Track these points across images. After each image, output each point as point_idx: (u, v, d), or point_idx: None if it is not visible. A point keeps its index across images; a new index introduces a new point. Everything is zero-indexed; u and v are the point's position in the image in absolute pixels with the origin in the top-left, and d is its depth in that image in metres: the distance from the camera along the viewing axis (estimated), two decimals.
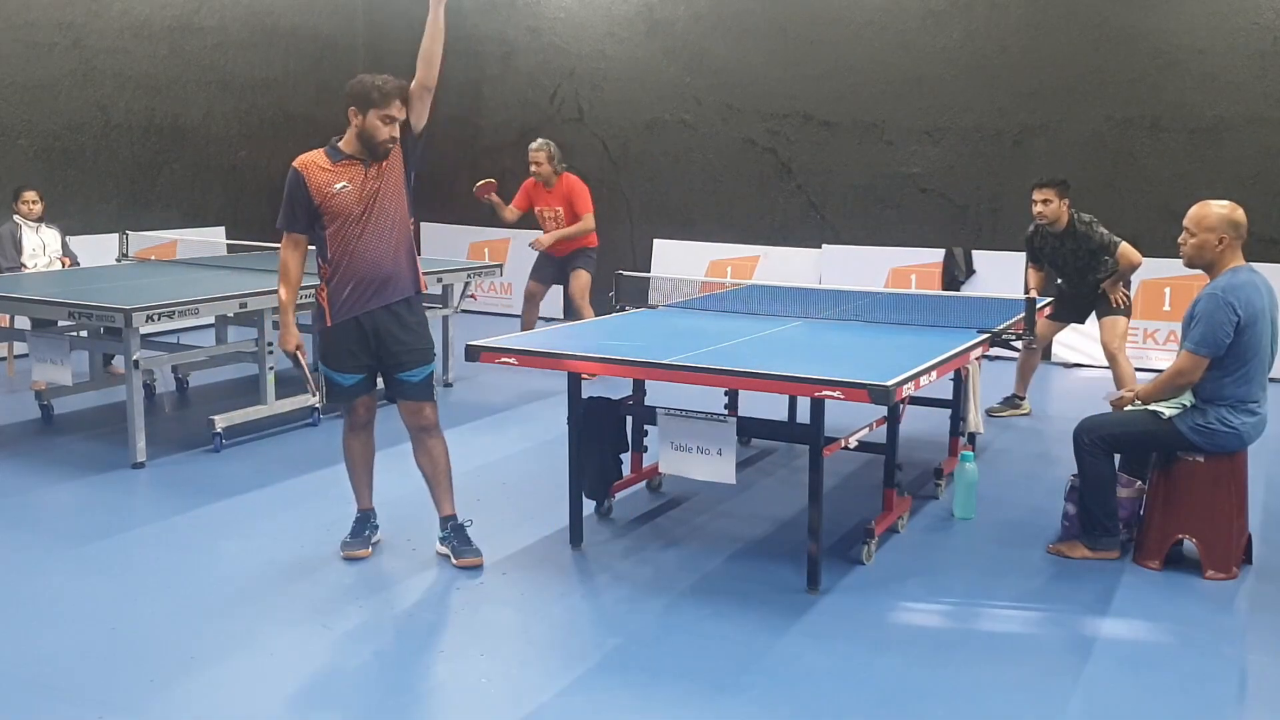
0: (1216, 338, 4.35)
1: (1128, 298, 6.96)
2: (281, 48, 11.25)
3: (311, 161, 4.36)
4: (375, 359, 4.48)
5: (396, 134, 4.33)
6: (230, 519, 5.14)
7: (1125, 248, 6.76)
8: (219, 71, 10.62)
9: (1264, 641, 3.97)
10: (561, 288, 8.61)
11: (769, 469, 6.03)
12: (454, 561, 4.55)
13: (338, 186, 4.33)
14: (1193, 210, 4.55)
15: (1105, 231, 6.77)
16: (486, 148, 11.37)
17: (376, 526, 4.79)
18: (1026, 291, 7.02)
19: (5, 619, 4.05)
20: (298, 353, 4.50)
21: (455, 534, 4.61)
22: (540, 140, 8.29)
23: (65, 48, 9.34)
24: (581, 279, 8.26)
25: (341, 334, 4.42)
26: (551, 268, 8.43)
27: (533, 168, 8.21)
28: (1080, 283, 6.96)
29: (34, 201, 7.76)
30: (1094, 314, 7.07)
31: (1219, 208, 4.48)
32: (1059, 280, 7.11)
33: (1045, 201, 6.73)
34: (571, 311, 8.53)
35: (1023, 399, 7.39)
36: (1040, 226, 6.89)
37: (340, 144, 4.39)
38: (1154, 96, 8.83)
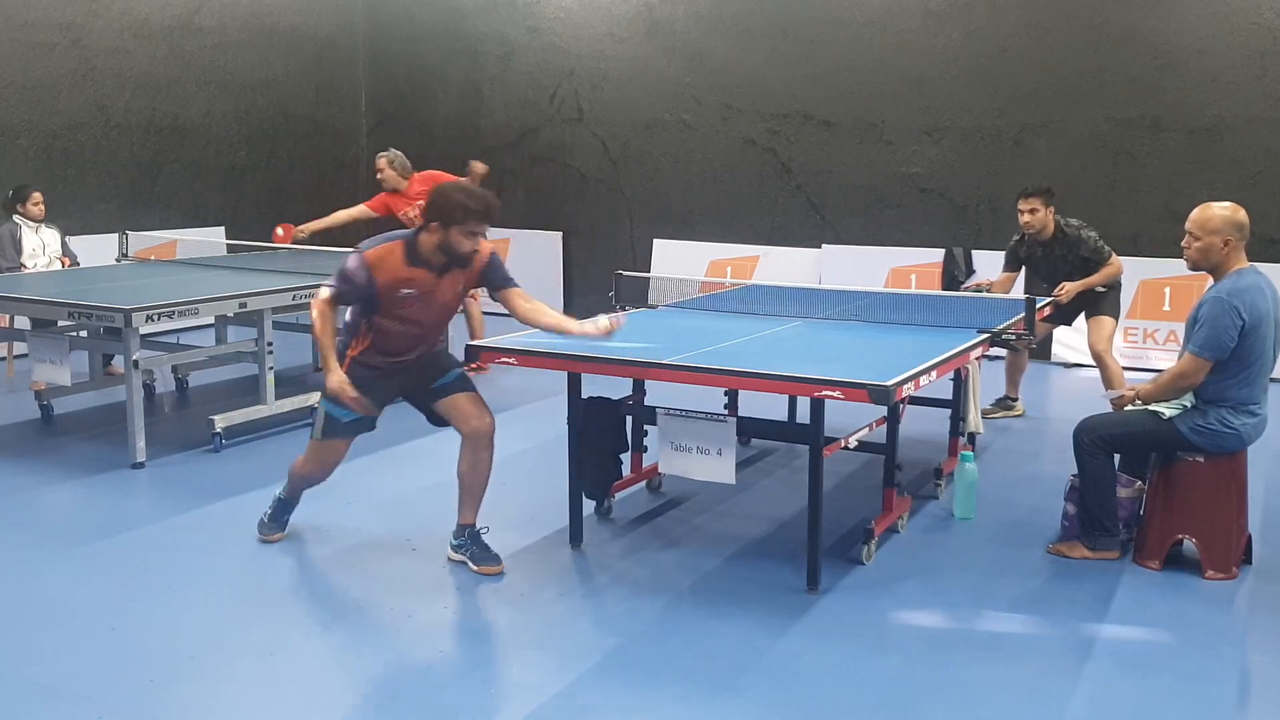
0: (1220, 342, 4.35)
1: (1115, 303, 6.89)
2: (281, 48, 11.25)
3: (385, 260, 4.18)
4: (400, 393, 4.49)
5: (478, 246, 4.24)
6: (230, 519, 5.14)
7: (1115, 259, 6.71)
8: (219, 71, 10.62)
9: (1264, 641, 3.97)
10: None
11: (769, 469, 6.03)
12: (473, 568, 4.50)
13: (404, 292, 4.21)
14: (1195, 213, 4.53)
15: (1095, 235, 6.70)
16: (486, 148, 11.35)
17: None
18: (985, 287, 6.99)
19: (5, 619, 4.05)
20: (346, 387, 4.18)
21: (473, 541, 4.56)
22: (387, 151, 8.31)
23: (65, 48, 9.34)
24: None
25: (356, 379, 4.24)
26: None
27: (378, 175, 8.21)
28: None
29: (40, 203, 7.80)
30: (1085, 317, 7.05)
31: (1222, 210, 4.47)
32: (1044, 286, 7.02)
33: (1032, 211, 6.63)
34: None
35: (1015, 400, 7.38)
36: (1027, 236, 6.80)
37: (420, 245, 4.21)
38: (1154, 96, 8.83)
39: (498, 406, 7.61)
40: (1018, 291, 6.98)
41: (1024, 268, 7.02)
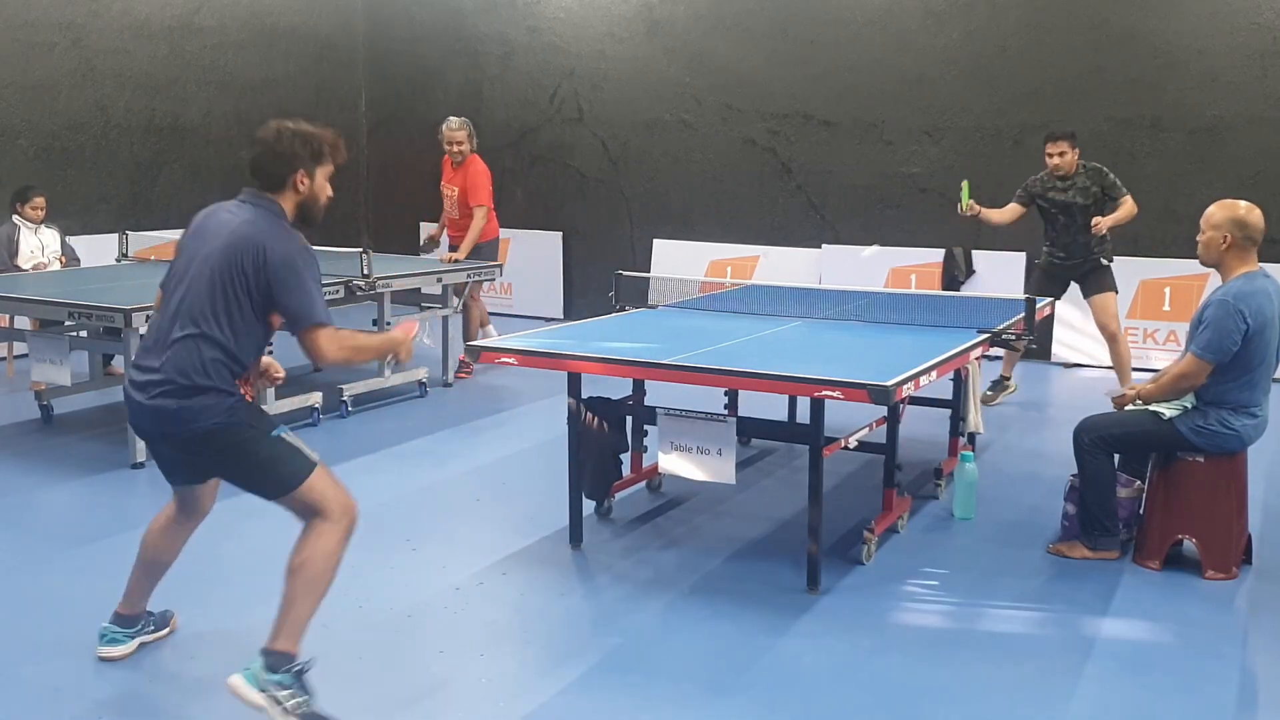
0: (1224, 345, 4.34)
1: (1111, 257, 7.10)
2: (281, 48, 11.25)
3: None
4: None
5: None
6: (230, 519, 5.12)
7: (1129, 197, 6.93)
8: (219, 71, 10.62)
9: (1264, 641, 3.98)
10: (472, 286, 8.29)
11: (769, 469, 6.03)
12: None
13: None
14: (1209, 208, 4.54)
15: (1113, 175, 6.97)
16: (486, 148, 11.27)
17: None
18: (974, 213, 7.09)
19: (5, 619, 4.05)
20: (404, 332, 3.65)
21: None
22: (461, 119, 8.28)
23: (65, 48, 9.34)
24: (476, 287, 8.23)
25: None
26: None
27: (453, 146, 8.15)
28: (1072, 240, 7.02)
29: (41, 207, 7.82)
30: (1084, 297, 7.16)
31: (1227, 207, 4.45)
32: (1046, 248, 7.19)
33: (1061, 154, 6.96)
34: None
35: (1008, 378, 7.46)
36: (1046, 174, 7.07)
37: (286, 215, 3.48)
38: (1154, 96, 8.83)
39: (498, 406, 7.69)
40: (1016, 283, 7.02)
41: (1034, 206, 7.20)
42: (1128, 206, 6.91)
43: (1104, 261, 7.08)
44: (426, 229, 9.68)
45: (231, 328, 3.27)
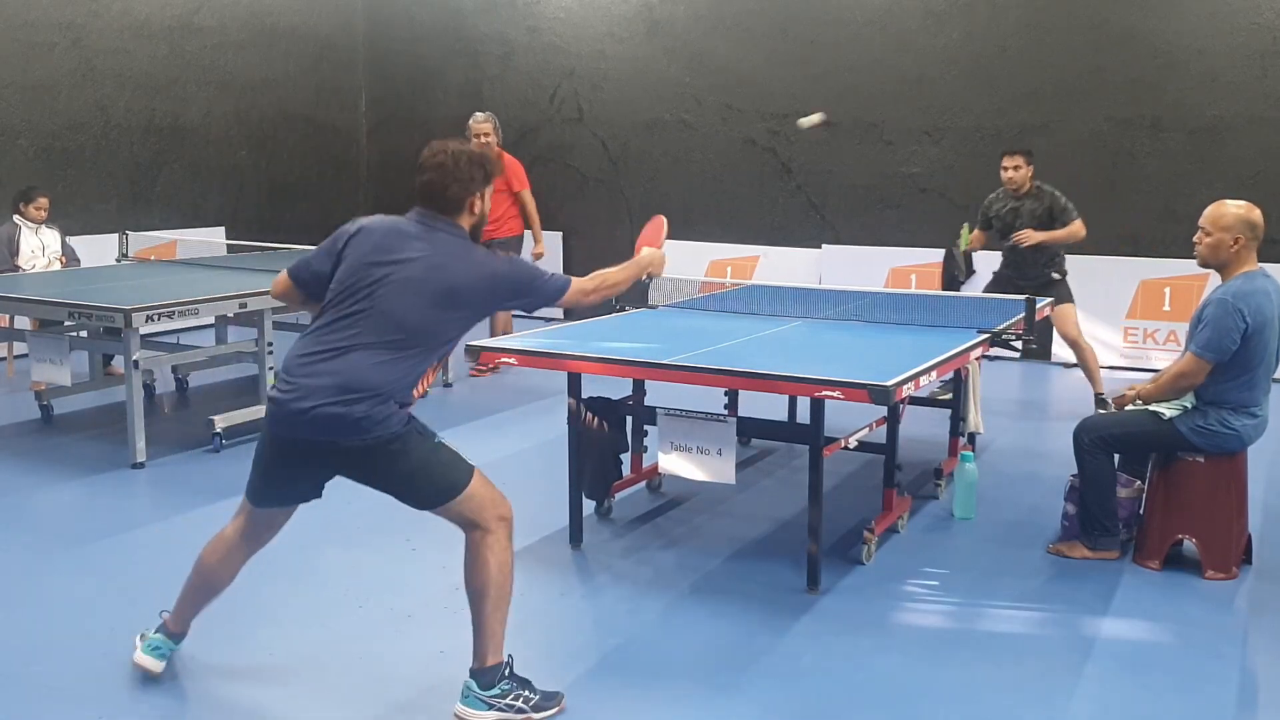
0: (1223, 344, 4.34)
1: (1064, 271, 7.18)
2: (281, 48, 11.25)
3: None
4: None
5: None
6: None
7: (1079, 223, 7.03)
8: (219, 71, 10.62)
9: (1264, 641, 3.97)
10: None
11: (769, 469, 6.03)
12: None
13: None
14: (1209, 209, 4.50)
15: (1065, 199, 7.06)
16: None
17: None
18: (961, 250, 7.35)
19: (5, 619, 4.05)
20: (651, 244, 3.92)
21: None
22: (486, 113, 8.31)
23: (65, 48, 9.34)
24: None
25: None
26: None
27: (481, 139, 8.13)
28: (1020, 257, 7.13)
29: (44, 209, 7.82)
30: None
31: (1235, 207, 4.45)
32: (1001, 264, 7.31)
33: (1016, 167, 7.13)
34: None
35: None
36: (1001, 192, 7.25)
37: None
38: (1154, 96, 8.83)
39: (498, 406, 7.68)
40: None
41: (991, 228, 7.37)
42: (1072, 228, 7.01)
43: (1055, 276, 7.17)
44: None
45: (429, 342, 3.29)
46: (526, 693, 3.38)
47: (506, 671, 3.39)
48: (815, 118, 6.74)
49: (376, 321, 3.23)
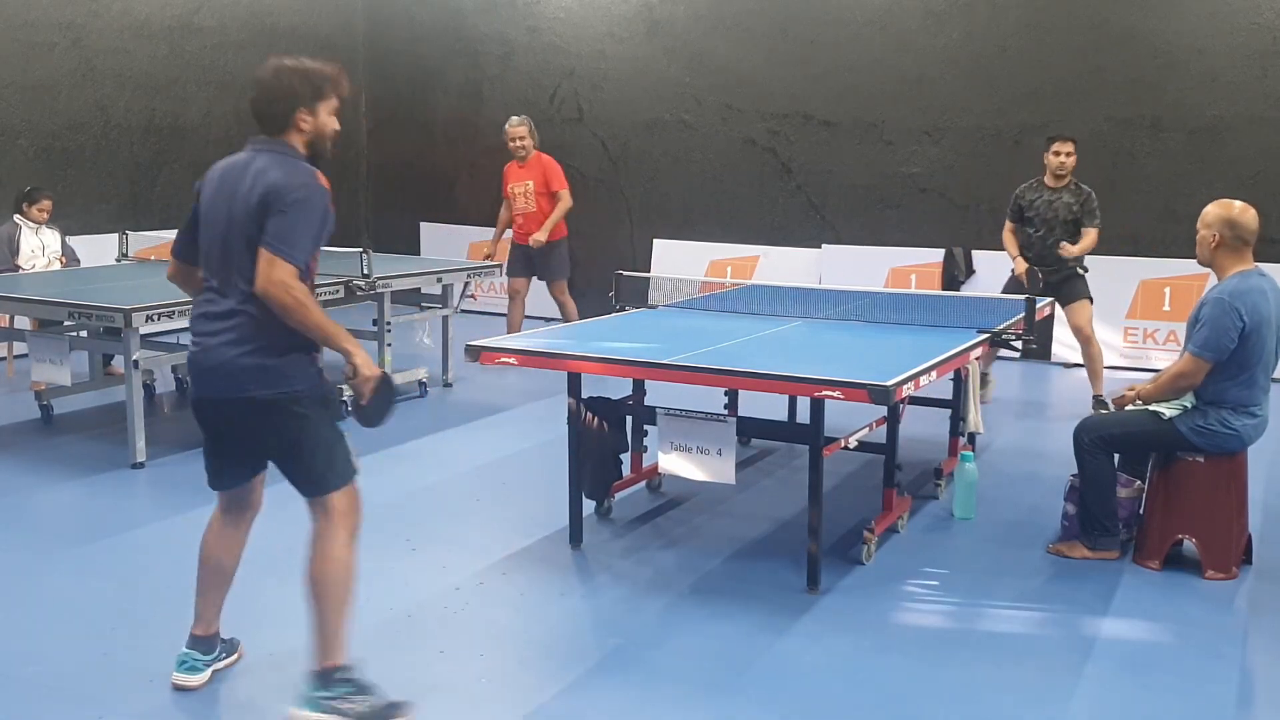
0: (1220, 343, 4.34)
1: (1085, 267, 7.22)
2: (281, 48, 11.20)
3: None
4: None
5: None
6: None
7: (1097, 230, 7.07)
8: (219, 71, 10.62)
9: (1264, 641, 3.98)
10: (541, 281, 8.59)
11: (769, 469, 6.03)
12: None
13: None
14: (1206, 207, 4.56)
15: (1097, 203, 7.09)
16: (486, 148, 11.34)
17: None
18: (1015, 259, 7.29)
19: (5, 619, 4.05)
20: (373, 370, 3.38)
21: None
22: (521, 116, 8.39)
23: (65, 48, 9.34)
24: (559, 282, 8.47)
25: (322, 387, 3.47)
26: (525, 260, 8.47)
27: (516, 142, 8.22)
28: (1047, 250, 7.11)
29: (46, 210, 7.82)
30: (1060, 305, 7.26)
31: (1219, 206, 4.48)
32: (1023, 254, 7.29)
33: (1069, 154, 7.10)
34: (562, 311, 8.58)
35: (987, 373, 7.50)
36: (1035, 182, 7.22)
37: (301, 154, 3.43)
38: (1154, 96, 8.83)
39: (498, 406, 7.68)
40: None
41: (1022, 219, 7.31)
42: (1092, 236, 7.04)
43: (1080, 270, 7.18)
44: (479, 248, 9.80)
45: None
46: (361, 696, 3.21)
47: (348, 675, 3.24)
48: None
49: (238, 264, 3.16)
